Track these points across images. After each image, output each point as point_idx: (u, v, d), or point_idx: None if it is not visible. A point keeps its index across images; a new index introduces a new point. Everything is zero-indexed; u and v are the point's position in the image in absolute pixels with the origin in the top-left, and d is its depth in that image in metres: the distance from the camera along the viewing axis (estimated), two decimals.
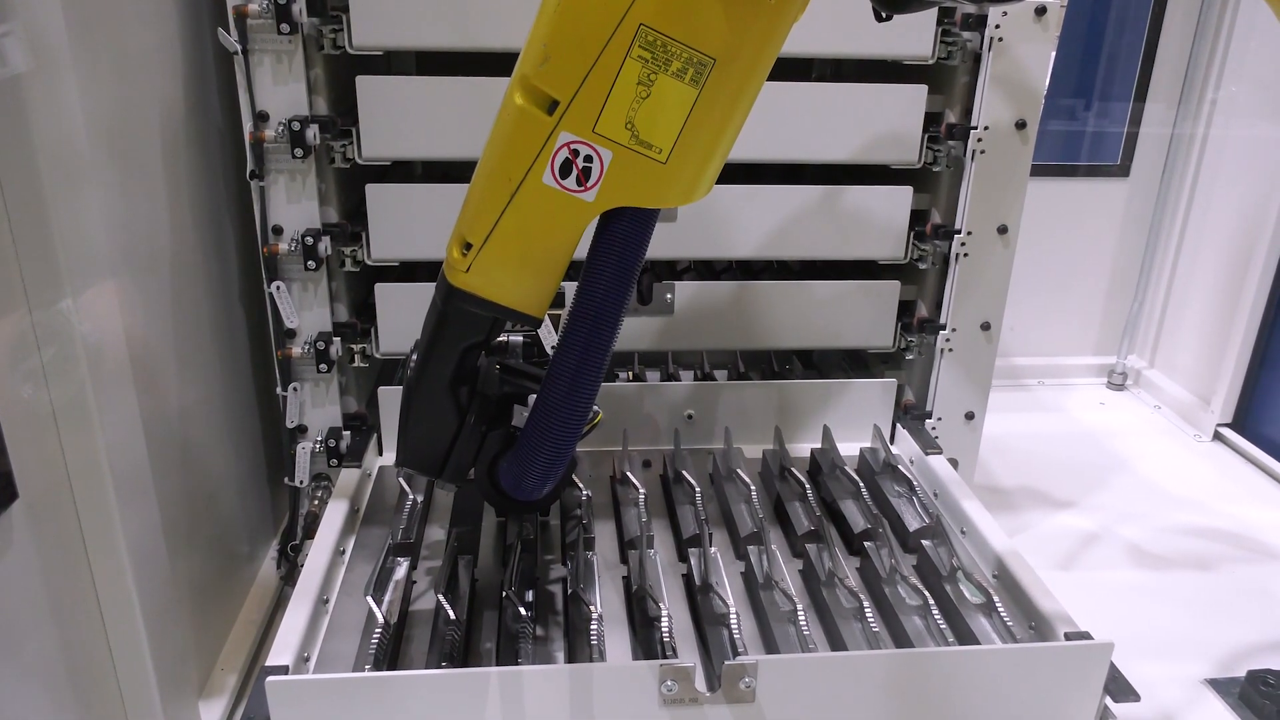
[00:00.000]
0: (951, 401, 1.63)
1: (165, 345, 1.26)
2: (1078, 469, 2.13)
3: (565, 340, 0.95)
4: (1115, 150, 2.48)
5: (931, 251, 1.55)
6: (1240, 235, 2.27)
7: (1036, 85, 1.46)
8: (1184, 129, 2.40)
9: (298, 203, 1.39)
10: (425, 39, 1.35)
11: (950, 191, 1.54)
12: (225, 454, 1.47)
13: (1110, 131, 2.47)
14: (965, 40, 1.44)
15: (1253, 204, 2.23)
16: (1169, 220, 2.47)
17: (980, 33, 1.43)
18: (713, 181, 0.93)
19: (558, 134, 0.86)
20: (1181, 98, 2.38)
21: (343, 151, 1.40)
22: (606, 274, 0.92)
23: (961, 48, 1.45)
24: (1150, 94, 2.41)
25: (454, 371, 1.03)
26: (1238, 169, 2.30)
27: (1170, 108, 2.40)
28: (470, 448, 1.07)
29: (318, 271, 1.42)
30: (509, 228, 0.91)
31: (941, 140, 1.50)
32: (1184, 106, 2.38)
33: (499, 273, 0.94)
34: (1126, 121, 2.44)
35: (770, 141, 1.45)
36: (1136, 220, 2.50)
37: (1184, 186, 2.44)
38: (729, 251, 1.53)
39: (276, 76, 1.34)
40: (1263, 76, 2.22)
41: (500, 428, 1.08)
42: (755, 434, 1.60)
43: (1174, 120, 2.41)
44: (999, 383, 2.14)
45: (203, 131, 1.38)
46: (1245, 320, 2.23)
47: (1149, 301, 2.56)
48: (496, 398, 1.07)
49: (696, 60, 0.82)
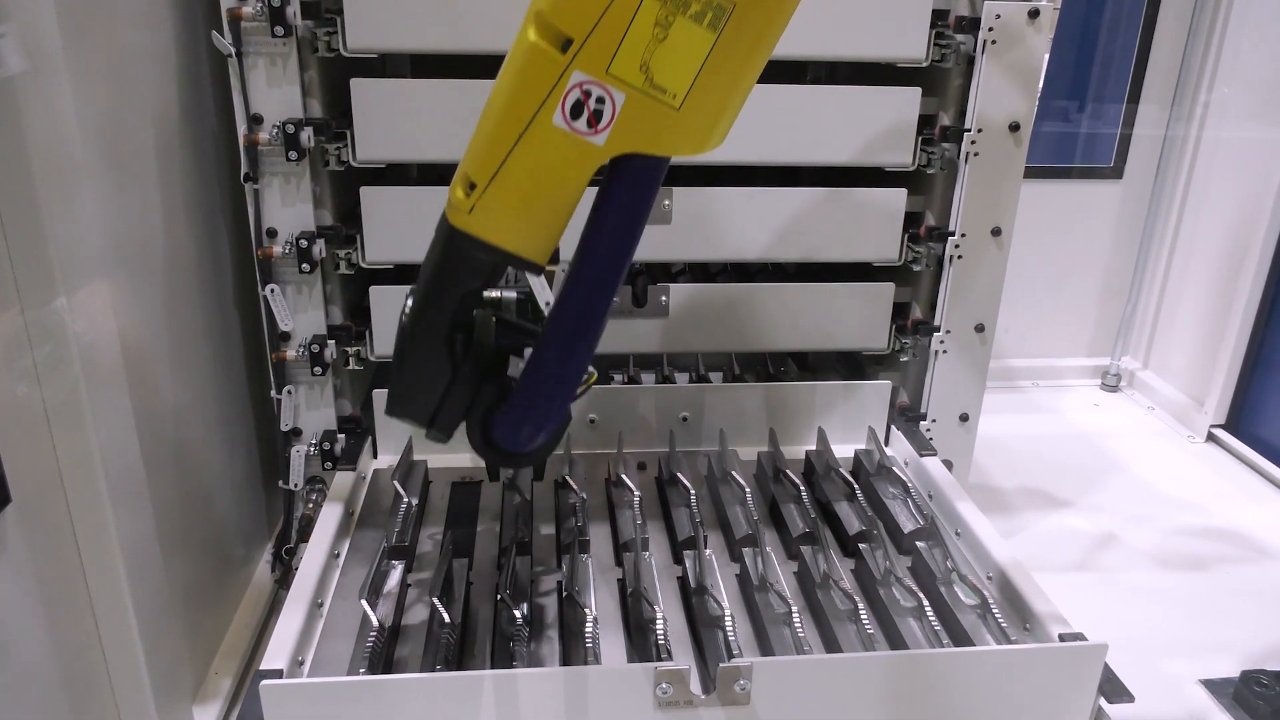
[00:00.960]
0: (946, 403, 1.63)
1: (159, 347, 1.26)
2: (1072, 470, 2.13)
3: (566, 291, 0.93)
4: (1109, 152, 2.49)
5: (925, 253, 1.55)
6: (1233, 237, 2.28)
7: (1030, 87, 1.46)
8: (1177, 131, 2.41)
9: (292, 205, 1.39)
10: (420, 41, 1.35)
11: (944, 193, 1.54)
12: (219, 457, 1.47)
13: (1103, 133, 2.48)
14: (959, 43, 1.44)
15: (1245, 206, 2.24)
16: (1162, 222, 2.48)
17: (974, 35, 1.43)
18: (724, 134, 0.90)
19: (570, 73, 0.83)
20: (1174, 99, 2.39)
21: (337, 154, 1.40)
22: (611, 224, 0.90)
23: (955, 50, 1.45)
24: (1143, 96, 2.42)
25: (450, 318, 0.98)
26: (1230, 171, 2.31)
27: (1163, 109, 2.41)
28: (463, 398, 1.02)
29: (312, 274, 1.41)
30: (515, 169, 0.88)
31: (935, 142, 1.50)
32: (1177, 108, 2.39)
33: (503, 215, 0.91)
34: (1120, 123, 2.45)
35: (765, 144, 1.45)
36: (1130, 222, 2.51)
37: (1177, 188, 2.45)
38: (724, 254, 1.53)
39: (271, 79, 1.34)
40: (1255, 78, 2.23)
41: (495, 379, 1.03)
42: (750, 436, 1.60)
43: (1167, 122, 2.42)
44: (993, 384, 2.14)
45: (197, 134, 1.38)
46: (1238, 321, 2.24)
47: (1143, 303, 2.57)
48: (492, 349, 1.02)
49: (715, 4, 0.80)
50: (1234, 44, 2.27)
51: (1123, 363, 2.61)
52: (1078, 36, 2.51)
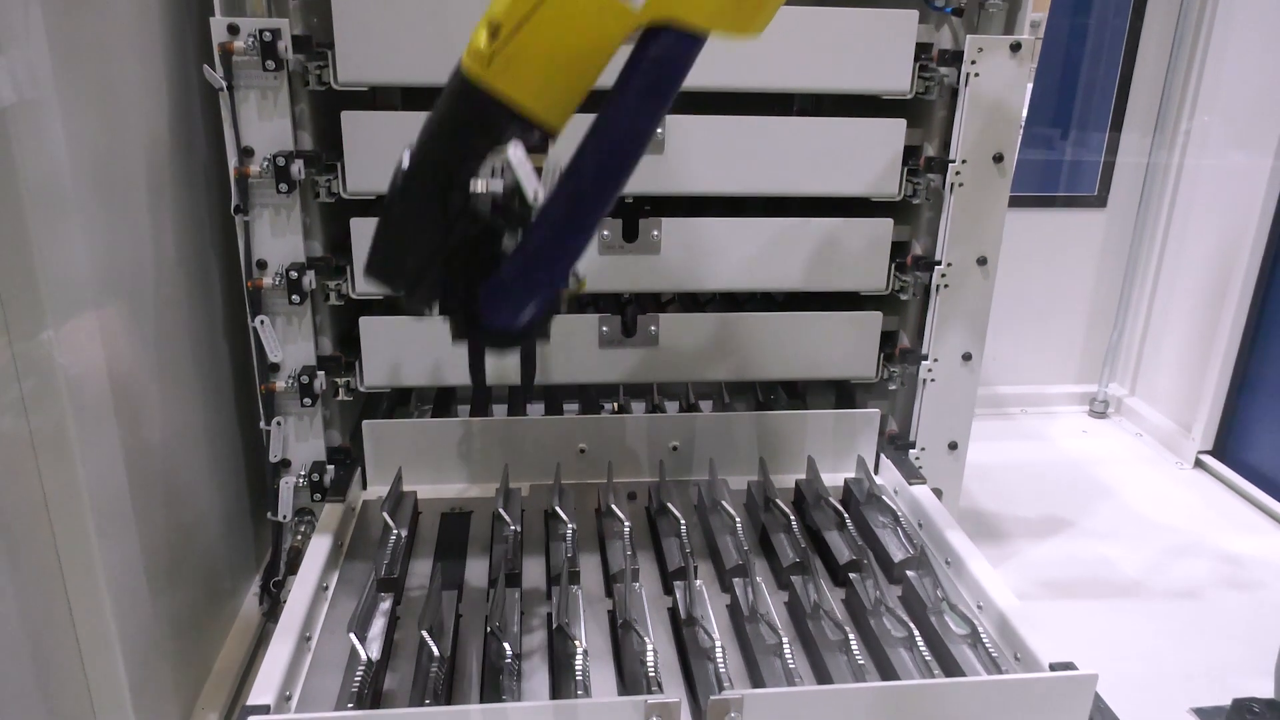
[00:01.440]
0: (935, 431, 1.64)
1: (148, 378, 1.26)
2: (1061, 498, 2.14)
3: (578, 161, 0.87)
4: (1092, 181, 2.52)
5: (912, 283, 1.56)
6: (1216, 263, 2.31)
7: (1013, 119, 1.48)
8: (1159, 158, 2.44)
9: (282, 237, 1.39)
10: (410, 75, 1.37)
11: (930, 223, 1.56)
12: (208, 488, 1.46)
13: (1087, 161, 2.52)
14: (942, 75, 1.46)
15: (1228, 232, 2.27)
16: (1146, 249, 2.51)
17: (957, 68, 1.46)
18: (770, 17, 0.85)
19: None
20: (1156, 127, 2.43)
21: (327, 186, 1.40)
22: (634, 98, 0.85)
23: (939, 83, 1.47)
24: (1126, 124, 2.45)
25: (448, 177, 0.91)
26: (1212, 197, 2.34)
27: (1145, 137, 2.45)
28: (450, 265, 0.95)
29: (302, 305, 1.42)
30: (545, 18, 0.82)
31: (921, 173, 1.52)
32: (1159, 136, 2.43)
33: (524, 69, 0.85)
34: (1103, 151, 2.49)
35: (752, 174, 1.46)
36: (1114, 250, 2.54)
37: (1160, 216, 2.48)
38: (712, 284, 1.54)
39: (262, 112, 1.34)
40: (1234, 106, 2.26)
41: (484, 253, 0.95)
42: (740, 465, 1.60)
43: (1149, 150, 2.45)
44: (982, 411, 2.15)
45: (188, 166, 1.38)
46: (1224, 348, 2.26)
47: (1129, 330, 2.59)
48: (486, 220, 0.93)
49: None
50: (1214, 72, 2.31)
51: (1110, 389, 2.62)
52: (1061, 65, 2.55)
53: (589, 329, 1.53)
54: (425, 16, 1.34)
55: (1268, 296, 2.21)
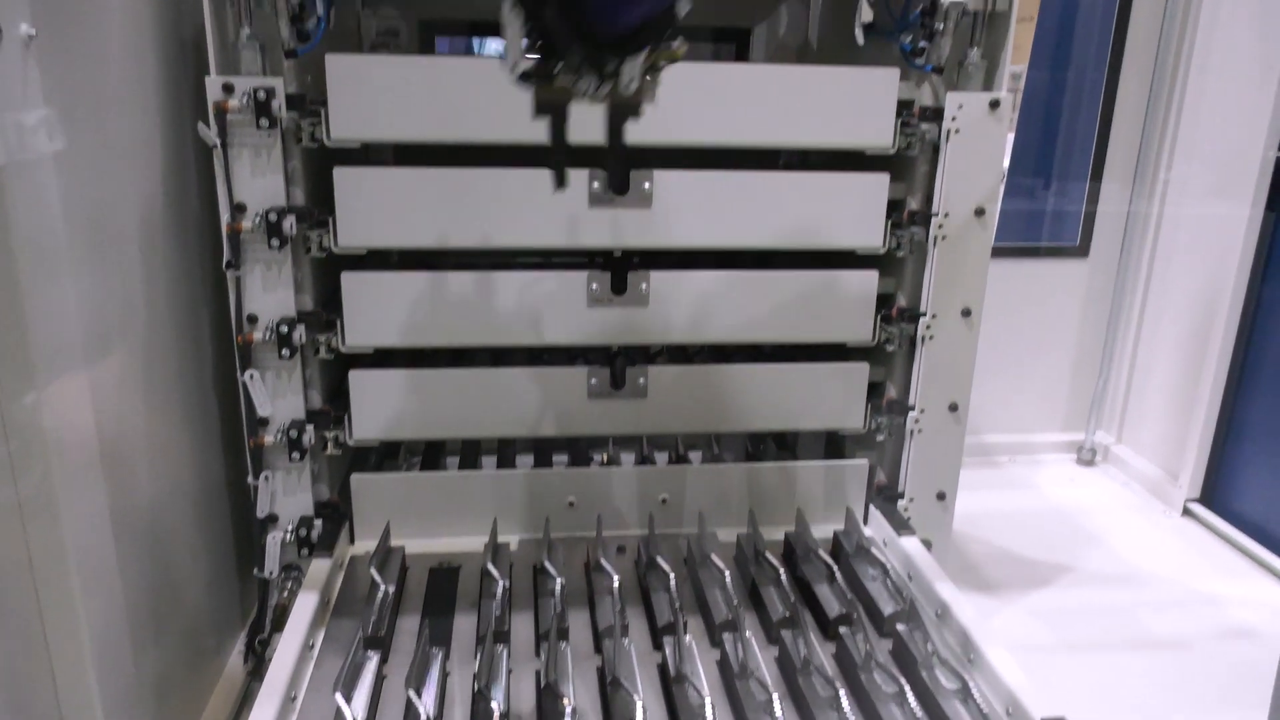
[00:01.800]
0: (923, 482, 1.64)
1: (137, 435, 1.26)
2: (1050, 547, 2.14)
3: None
4: (1074, 230, 2.56)
5: (898, 334, 1.58)
6: (1198, 311, 2.34)
7: (993, 174, 1.51)
8: (1139, 208, 2.48)
9: (273, 291, 1.40)
10: (402, 132, 1.39)
11: (915, 275, 1.58)
12: (194, 544, 1.45)
13: (1069, 210, 2.56)
14: (924, 131, 1.50)
15: (1208, 281, 2.30)
16: (1129, 298, 2.54)
17: (938, 124, 1.49)
18: None
19: None
20: (1136, 177, 2.47)
21: (319, 240, 1.42)
22: None
23: (921, 138, 1.50)
24: (1106, 173, 2.50)
25: None
26: (1192, 246, 2.38)
27: (1126, 187, 2.49)
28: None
29: (292, 360, 1.42)
30: None
31: (905, 226, 1.55)
32: (1139, 186, 2.47)
33: None
34: (1084, 201, 2.52)
35: (741, 228, 1.48)
36: (1098, 298, 2.57)
37: (1142, 265, 2.51)
38: (701, 336, 1.55)
39: (255, 168, 1.36)
40: (1211, 156, 2.31)
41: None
42: (730, 517, 1.60)
43: (1130, 199, 2.49)
44: (970, 460, 2.16)
45: (180, 221, 1.39)
46: (1208, 395, 2.28)
47: (1114, 378, 2.61)
48: None
49: None
50: (1190, 123, 2.36)
51: (1097, 437, 2.64)
52: (1042, 116, 2.60)
53: (578, 381, 1.54)
54: (416, 74, 1.36)
55: (1250, 344, 2.23)
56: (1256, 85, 2.14)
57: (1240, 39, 2.22)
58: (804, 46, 1.87)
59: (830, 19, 1.79)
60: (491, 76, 1.38)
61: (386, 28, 1.86)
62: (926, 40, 1.49)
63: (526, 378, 1.53)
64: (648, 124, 1.40)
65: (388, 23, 1.85)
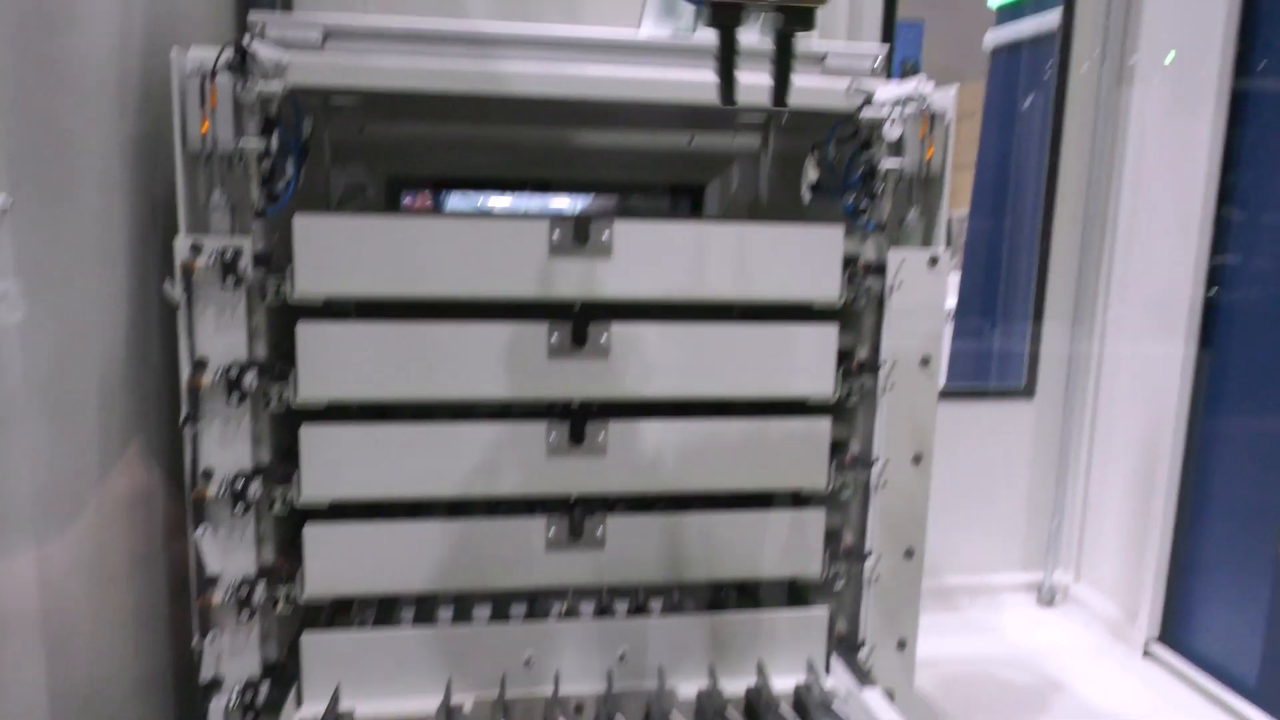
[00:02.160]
0: (883, 630, 1.63)
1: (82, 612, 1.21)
2: (1014, 693, 2.12)
3: None
4: (1020, 371, 2.64)
5: (852, 481, 1.60)
6: (1144, 448, 2.40)
7: (936, 325, 1.58)
8: (1081, 348, 2.57)
9: (230, 446, 1.40)
10: (366, 288, 1.43)
11: (866, 423, 1.62)
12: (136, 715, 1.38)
13: (1015, 351, 2.64)
14: (869, 286, 1.57)
15: (1151, 417, 2.37)
16: (1076, 437, 2.60)
17: (882, 279, 1.56)
18: None
19: None
20: (1075, 318, 2.57)
21: (279, 394, 1.43)
22: None
23: (866, 292, 1.57)
24: (1048, 314, 2.59)
25: None
26: (1133, 385, 2.46)
27: (1067, 326, 2.58)
28: None
29: (245, 515, 1.40)
30: None
31: (854, 375, 1.60)
32: (1079, 327, 2.57)
33: None
34: (1028, 341, 2.61)
35: (696, 379, 1.52)
36: (1046, 438, 2.63)
37: (1086, 404, 2.59)
38: (659, 485, 1.56)
39: (219, 325, 1.38)
40: (1146, 296, 2.41)
41: None
42: (690, 669, 1.57)
43: (1070, 339, 2.58)
44: (931, 604, 2.15)
45: (139, 377, 1.40)
46: (1159, 532, 2.32)
47: (1068, 517, 2.64)
48: None
49: None
50: (1124, 263, 2.47)
51: (1056, 576, 2.65)
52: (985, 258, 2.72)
53: (536, 533, 1.53)
54: (381, 232, 1.41)
55: (1197, 478, 2.29)
56: (1180, 228, 2.27)
57: (1159, 185, 2.37)
58: (755, 202, 1.96)
59: (779, 177, 1.90)
60: (454, 233, 1.44)
61: (354, 184, 1.93)
62: (868, 200, 1.58)
63: (484, 530, 1.53)
64: (605, 278, 1.46)
65: (355, 179, 1.92)
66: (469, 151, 1.94)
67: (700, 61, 1.55)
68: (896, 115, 1.52)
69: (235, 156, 1.36)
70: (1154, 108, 2.39)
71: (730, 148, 1.92)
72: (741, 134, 1.90)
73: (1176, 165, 2.30)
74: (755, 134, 1.89)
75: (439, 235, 1.43)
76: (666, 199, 2.13)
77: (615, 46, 1.56)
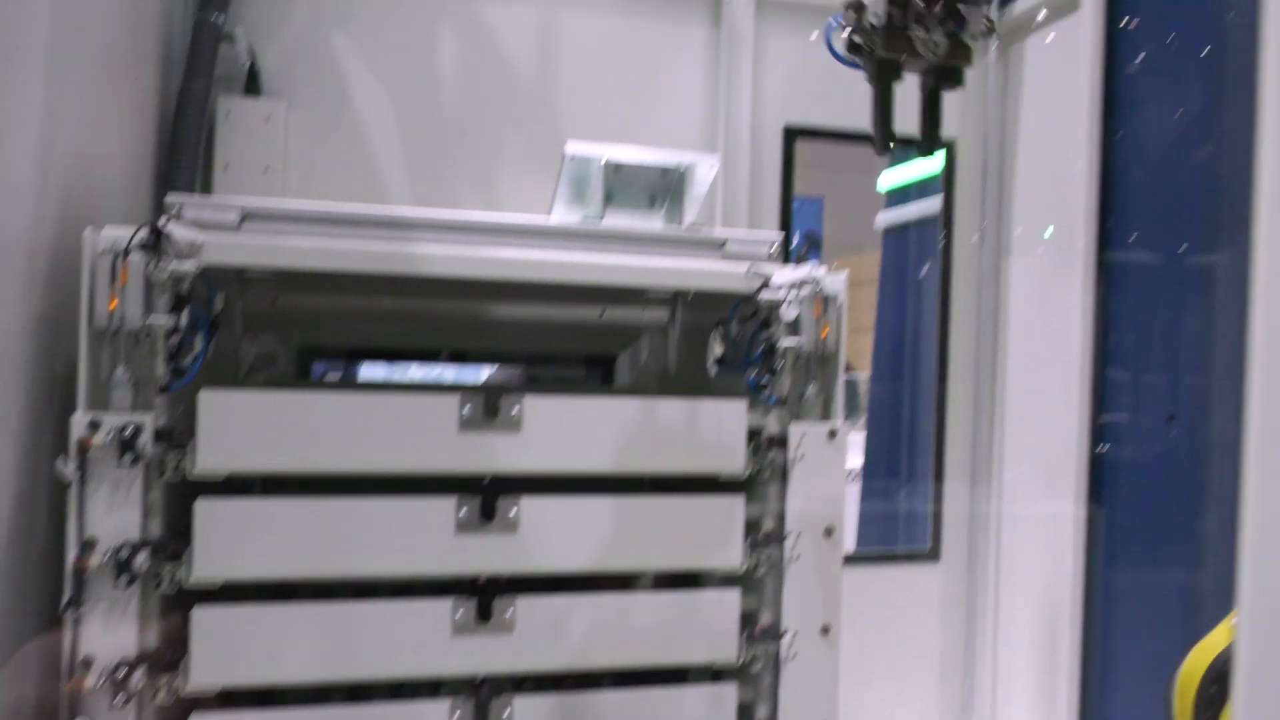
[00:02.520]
0: None
1: None
2: None
3: None
4: (925, 532, 2.70)
5: (763, 654, 1.60)
6: (1047, 605, 2.44)
7: (836, 497, 1.63)
8: (981, 508, 2.64)
9: (114, 633, 1.33)
10: (271, 463, 1.41)
11: (775, 593, 1.63)
12: None
13: (920, 512, 2.70)
14: (772, 458, 1.61)
15: (1051, 575, 2.42)
16: (981, 599, 2.64)
17: (784, 451, 1.61)
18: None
19: None
20: (974, 478, 2.66)
21: (171, 574, 1.37)
22: None
23: (770, 464, 1.62)
24: (949, 473, 2.66)
25: None
26: (1033, 543, 2.52)
27: (967, 485, 2.66)
28: None
29: (126, 707, 1.32)
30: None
31: (761, 546, 1.62)
32: (977, 488, 2.65)
33: None
34: (930, 501, 2.67)
35: (604, 552, 1.53)
36: (954, 601, 2.66)
37: (989, 565, 2.64)
38: (567, 661, 1.53)
39: (111, 503, 1.34)
40: (1039, 455, 2.51)
41: None
42: None
43: (971, 500, 2.66)
44: None
45: (20, 560, 1.33)
46: (1065, 691, 2.33)
47: (980, 677, 2.65)
48: None
49: None
50: (1016, 423, 2.58)
51: None
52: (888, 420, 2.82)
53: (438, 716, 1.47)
54: (289, 407, 1.41)
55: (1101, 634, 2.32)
56: (1063, 388, 2.39)
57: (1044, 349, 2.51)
58: (665, 372, 2.03)
59: (687, 349, 1.97)
60: (361, 408, 1.45)
61: (265, 353, 1.93)
62: (769, 375, 1.65)
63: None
64: (515, 452, 1.48)
65: (267, 349, 1.92)
66: (382, 322, 1.97)
67: (608, 245, 1.63)
68: (793, 297, 1.61)
69: (143, 333, 1.36)
70: (1031, 278, 2.57)
71: (640, 320, 2.00)
72: (650, 308, 1.98)
73: (1058, 330, 2.46)
74: (663, 309, 1.97)
75: (346, 409, 1.44)
76: (580, 369, 2.18)
77: (528, 231, 1.64)
